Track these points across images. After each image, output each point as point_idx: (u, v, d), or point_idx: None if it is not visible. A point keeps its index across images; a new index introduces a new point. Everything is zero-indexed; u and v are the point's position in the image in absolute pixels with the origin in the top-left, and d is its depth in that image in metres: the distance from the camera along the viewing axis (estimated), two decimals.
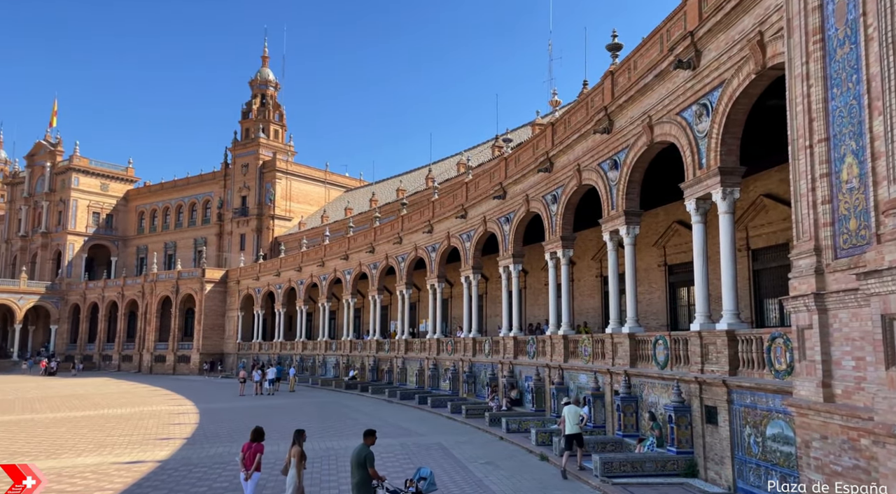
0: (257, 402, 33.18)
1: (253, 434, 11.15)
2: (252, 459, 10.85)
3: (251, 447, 10.98)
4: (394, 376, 37.20)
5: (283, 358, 50.35)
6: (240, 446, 19.05)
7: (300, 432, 10.58)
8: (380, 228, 40.50)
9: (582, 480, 13.76)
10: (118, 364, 65.80)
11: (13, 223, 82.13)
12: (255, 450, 10.92)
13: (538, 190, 22.74)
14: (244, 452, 10.99)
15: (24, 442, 20.62)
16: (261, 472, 11.30)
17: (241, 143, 70.51)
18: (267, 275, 54.80)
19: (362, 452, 9.37)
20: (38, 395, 38.62)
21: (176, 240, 75.68)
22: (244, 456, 10.94)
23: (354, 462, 9.37)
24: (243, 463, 10.89)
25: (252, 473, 10.82)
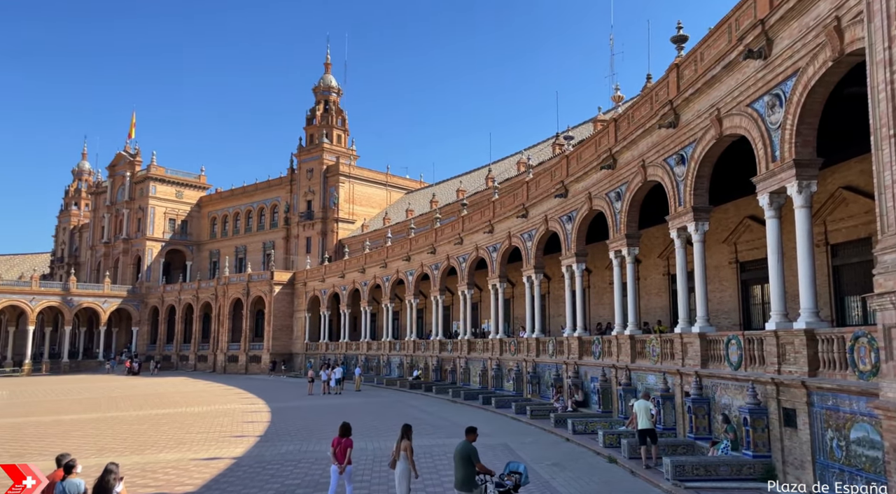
0: (325, 401, 33.99)
1: (341, 429, 11.73)
2: (343, 453, 11.45)
3: (341, 442, 11.56)
4: (457, 376, 37.34)
5: (348, 357, 51.40)
6: (310, 444, 19.70)
7: (408, 427, 10.97)
8: (440, 229, 40.75)
9: (653, 483, 13.46)
10: (194, 364, 68.74)
11: (97, 230, 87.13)
12: (346, 445, 11.51)
13: (601, 187, 22.36)
14: (334, 446, 11.55)
15: (110, 439, 21.86)
16: (352, 464, 11.89)
17: (306, 149, 72.43)
18: (332, 277, 56.06)
19: (466, 448, 9.59)
20: (121, 394, 40.83)
21: (246, 243, 78.45)
22: (335, 451, 11.51)
23: (459, 457, 9.59)
24: (335, 457, 11.48)
25: (345, 466, 11.42)
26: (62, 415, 29.90)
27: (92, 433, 23.38)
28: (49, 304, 68.71)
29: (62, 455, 8.88)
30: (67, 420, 28.08)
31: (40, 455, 18.96)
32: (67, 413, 30.58)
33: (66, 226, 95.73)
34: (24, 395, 41.72)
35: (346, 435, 11.63)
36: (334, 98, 74.50)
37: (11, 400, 39.09)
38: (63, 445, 20.81)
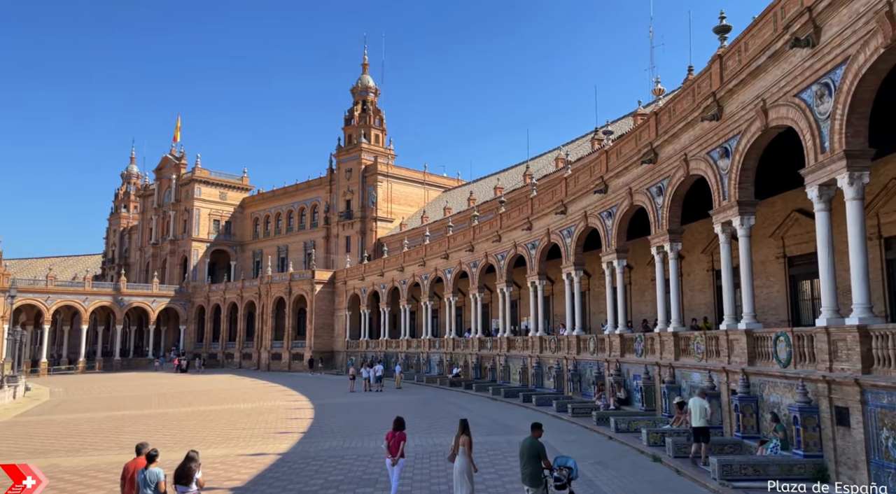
0: (366, 398, 34.37)
1: (395, 423, 12.09)
2: (397, 446, 11.82)
3: (395, 435, 11.93)
4: (497, 373, 37.30)
5: (388, 355, 51.85)
6: (353, 440, 19.96)
7: (466, 422, 11.15)
8: (478, 227, 40.73)
9: (699, 482, 13.23)
10: (239, 361, 70.32)
11: (145, 232, 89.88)
12: (399, 438, 11.87)
13: (642, 182, 22.02)
14: (388, 440, 11.95)
15: (161, 435, 22.54)
16: (405, 458, 12.26)
17: (345, 149, 73.26)
18: (371, 276, 56.61)
19: (535, 444, 9.81)
20: (170, 391, 42.06)
21: (287, 243, 79.83)
22: (389, 444, 11.91)
23: (527, 453, 9.75)
24: (389, 450, 11.87)
25: (398, 459, 11.81)
26: (115, 412, 30.99)
27: (143, 429, 24.17)
28: (101, 304, 71.21)
29: (141, 444, 9.55)
30: (120, 416, 29.10)
31: (95, 449, 19.73)
32: (120, 410, 31.69)
33: (116, 228, 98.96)
34: (79, 392, 43.37)
35: (400, 429, 11.99)
36: (372, 98, 75.13)
37: (67, 396, 40.69)
38: (117, 440, 21.60)
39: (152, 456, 9.11)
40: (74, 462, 17.46)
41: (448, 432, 21.07)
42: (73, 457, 18.19)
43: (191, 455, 9.29)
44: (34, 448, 20.46)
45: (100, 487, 14.24)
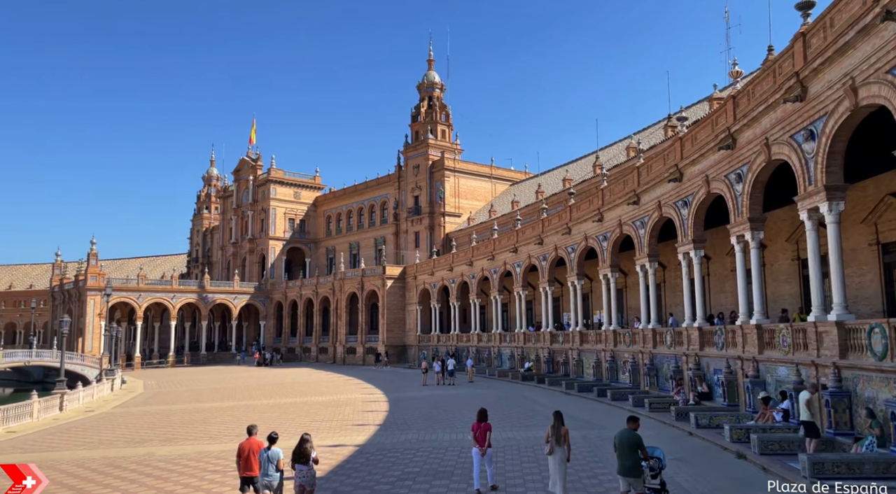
0: (439, 392, 34.71)
1: (479, 415, 12.49)
2: (483, 436, 12.13)
3: (480, 426, 12.27)
4: (569, 368, 36.86)
5: (459, 349, 52.15)
6: (427, 433, 20.22)
7: (561, 414, 11.40)
8: (547, 219, 40.30)
9: (788, 480, 12.65)
10: (316, 355, 72.50)
11: (226, 232, 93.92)
12: (485, 429, 12.21)
13: (719, 169, 21.18)
14: (474, 431, 12.31)
15: (245, 426, 23.53)
16: (492, 447, 12.60)
17: (412, 146, 74.02)
18: (441, 270, 57.04)
19: (633, 436, 9.95)
20: (253, 384, 43.85)
21: (359, 240, 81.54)
22: (475, 435, 12.26)
23: (626, 445, 9.91)
24: (476, 440, 12.22)
25: (486, 449, 12.13)
26: (202, 403, 32.63)
27: (229, 420, 25.35)
28: (187, 301, 75.05)
29: (252, 425, 11.05)
30: (207, 407, 30.61)
31: (185, 439, 20.85)
32: (207, 402, 33.33)
33: (199, 229, 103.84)
34: (170, 385, 45.89)
35: (484, 420, 12.32)
36: (437, 94, 75.51)
37: (159, 389, 43.14)
38: (205, 430, 22.76)
39: (273, 438, 10.44)
40: (167, 450, 18.52)
41: (525, 426, 21.04)
42: (166, 446, 19.30)
43: (305, 437, 10.43)
44: (131, 437, 21.84)
45: (191, 475, 15.02)
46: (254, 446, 10.58)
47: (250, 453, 10.50)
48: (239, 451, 10.67)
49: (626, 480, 9.92)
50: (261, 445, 10.53)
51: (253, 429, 10.88)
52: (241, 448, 10.62)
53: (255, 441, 10.63)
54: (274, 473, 10.16)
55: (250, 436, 10.75)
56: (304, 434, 10.59)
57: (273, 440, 10.41)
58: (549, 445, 10.99)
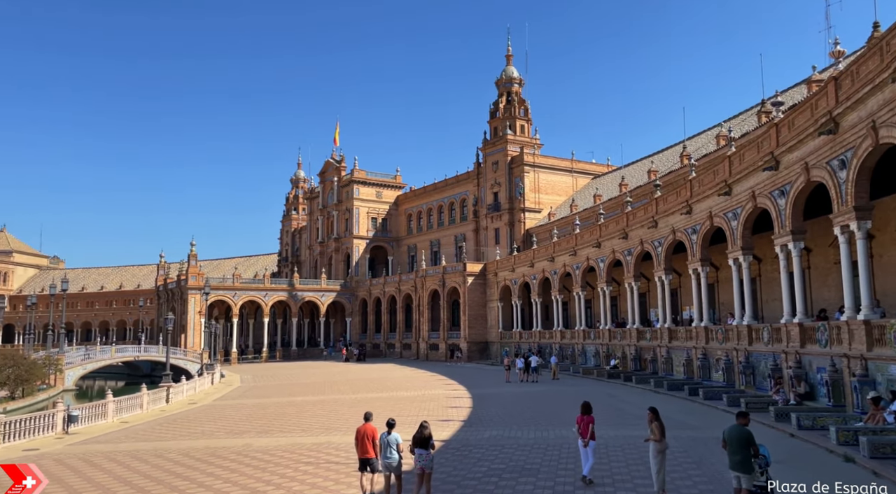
0: (522, 389, 34.55)
1: (583, 408, 12.79)
2: (587, 429, 12.45)
3: (583, 419, 12.58)
4: (658, 366, 35.72)
5: (542, 346, 51.65)
6: (512, 430, 20.18)
7: (656, 409, 11.64)
8: (632, 213, 39.17)
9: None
10: (399, 351, 73.87)
11: (313, 231, 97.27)
12: (588, 421, 12.53)
13: (820, 155, 19.88)
14: (578, 424, 12.68)
15: (335, 419, 24.36)
16: (595, 440, 12.78)
17: (491, 142, 73.88)
18: (521, 267, 56.66)
19: (744, 432, 10.01)
20: (340, 379, 45.23)
21: (439, 237, 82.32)
22: (579, 427, 12.62)
23: (737, 441, 9.97)
24: (580, 433, 12.58)
25: (589, 441, 12.43)
26: (295, 397, 33.99)
27: (319, 413, 26.28)
28: (278, 299, 78.38)
29: (368, 412, 12.26)
30: (299, 401, 31.86)
31: (280, 432, 21.78)
32: (298, 396, 34.70)
33: (288, 229, 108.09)
34: (264, 379, 48.07)
35: (588, 413, 12.61)
36: (516, 89, 74.94)
37: (255, 383, 45.29)
38: (298, 423, 23.68)
39: (391, 424, 11.57)
40: (264, 442, 19.42)
41: (613, 424, 20.55)
42: (262, 438, 20.24)
43: (424, 424, 11.37)
44: (230, 428, 23.05)
45: (286, 466, 15.68)
46: (369, 431, 11.72)
47: (365, 436, 11.68)
48: (357, 435, 11.82)
49: (737, 475, 9.98)
50: (376, 430, 11.69)
51: (369, 416, 12.05)
52: (359, 432, 11.79)
53: (370, 427, 11.78)
54: (393, 455, 11.24)
55: (367, 422, 11.89)
56: (423, 422, 11.52)
57: (392, 425, 11.51)
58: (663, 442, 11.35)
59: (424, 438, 11.12)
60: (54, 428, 21.81)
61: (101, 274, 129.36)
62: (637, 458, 14.99)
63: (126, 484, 14.06)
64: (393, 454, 11.26)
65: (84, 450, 18.74)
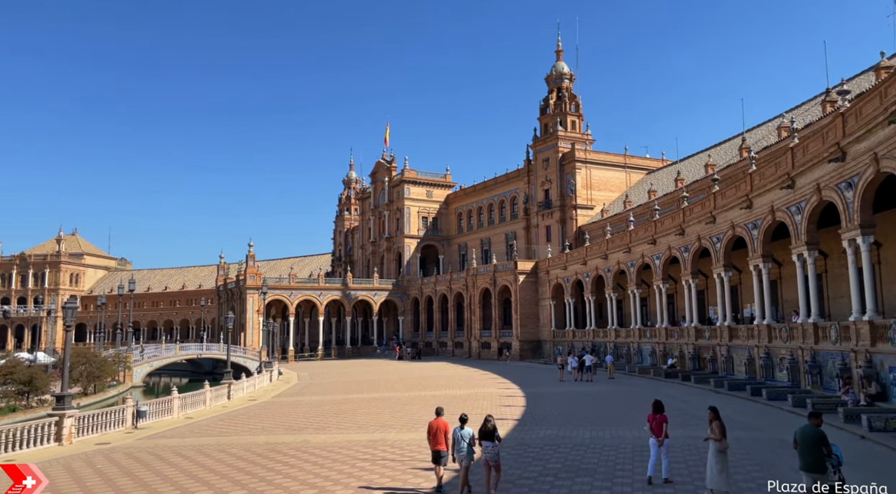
0: (576, 388, 34.16)
1: (655, 406, 12.74)
2: (659, 428, 12.45)
3: (656, 417, 12.57)
4: (717, 365, 34.70)
5: (596, 345, 50.91)
6: (567, 430, 20.00)
7: (717, 409, 11.46)
8: (688, 208, 38.17)
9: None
10: (452, 350, 74.14)
11: (365, 232, 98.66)
12: (660, 420, 12.50)
13: (890, 145, 18.93)
14: (650, 422, 12.67)
15: (389, 417, 24.65)
16: (669, 438, 12.64)
17: (541, 139, 73.22)
18: (574, 264, 55.98)
19: (817, 432, 9.90)
20: (394, 377, 45.73)
21: (490, 236, 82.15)
22: (651, 426, 12.63)
23: (810, 441, 9.88)
24: (652, 431, 12.60)
25: (662, 439, 12.41)
26: (350, 394, 34.58)
27: (374, 411, 26.65)
28: (333, 298, 79.89)
29: (440, 408, 13.15)
30: (354, 398, 32.39)
31: (337, 428, 22.21)
32: (354, 393, 35.27)
33: (340, 229, 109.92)
34: (320, 377, 49.07)
35: (660, 412, 12.58)
36: (567, 84, 74.03)
37: (311, 380, 46.29)
38: (354, 420, 24.09)
39: (464, 419, 12.26)
40: (321, 438, 19.85)
41: (674, 425, 19.93)
42: (320, 435, 20.69)
43: (488, 418, 12.08)
44: (289, 425, 23.65)
45: (343, 462, 15.98)
46: (441, 425, 12.47)
47: (438, 431, 12.42)
48: (429, 429, 12.62)
49: (810, 476, 9.84)
50: (448, 425, 12.51)
51: (441, 411, 12.92)
52: (431, 427, 12.59)
53: (442, 422, 12.55)
54: (466, 448, 11.91)
55: (438, 417, 12.69)
56: (487, 416, 12.21)
57: (464, 421, 12.22)
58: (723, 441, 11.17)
59: (489, 431, 11.79)
60: (124, 423, 22.85)
61: (165, 274, 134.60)
62: (697, 459, 14.62)
63: (192, 478, 14.62)
64: (464, 447, 11.92)
65: (152, 445, 19.57)
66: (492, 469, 11.90)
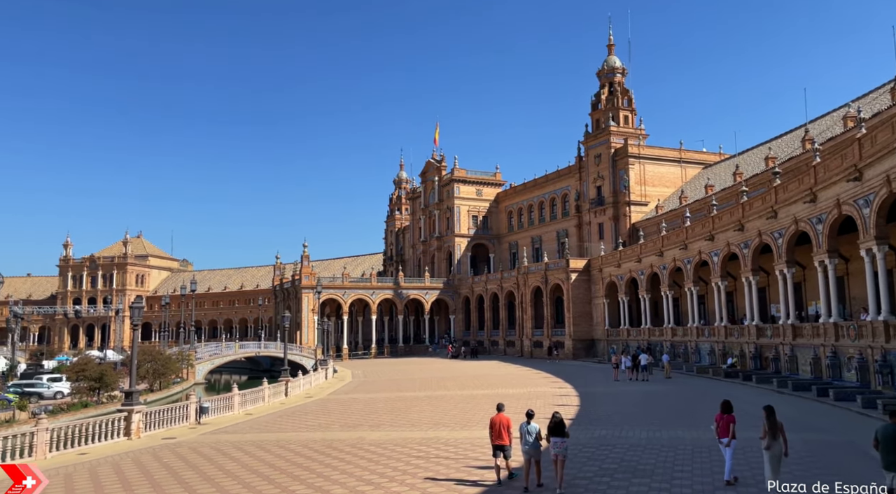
0: (631, 388, 33.54)
1: (723, 406, 12.57)
2: (726, 428, 12.28)
3: (723, 417, 12.41)
4: (780, 364, 33.47)
5: (652, 344, 49.86)
6: (623, 430, 19.69)
7: (773, 408, 11.43)
8: (748, 203, 36.93)
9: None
10: (503, 349, 73.90)
11: (416, 231, 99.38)
12: (728, 421, 12.34)
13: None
14: (717, 422, 12.51)
15: (442, 415, 24.77)
16: (736, 439, 12.43)
17: (593, 135, 72.12)
18: (628, 262, 54.95)
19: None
20: (446, 375, 45.91)
21: (540, 234, 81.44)
22: (718, 426, 12.47)
23: (892, 440, 9.74)
24: (718, 432, 12.46)
25: (730, 440, 12.28)
26: (403, 392, 34.91)
27: (427, 409, 26.83)
28: (385, 297, 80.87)
29: (501, 404, 13.51)
30: (408, 396, 32.69)
31: (391, 426, 22.47)
32: (407, 391, 35.60)
33: (392, 229, 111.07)
34: (373, 375, 49.72)
35: (728, 412, 12.39)
36: (619, 79, 72.68)
37: (365, 378, 46.96)
38: (408, 418, 24.32)
39: (531, 415, 12.70)
40: (376, 435, 20.12)
41: (741, 427, 19.50)
42: (374, 432, 20.98)
43: (556, 414, 12.53)
44: (344, 422, 24.07)
45: (398, 459, 16.16)
46: (503, 420, 12.83)
47: (500, 426, 12.76)
48: (491, 424, 12.99)
49: (892, 474, 9.73)
50: (509, 420, 12.96)
51: (502, 407, 13.32)
52: (493, 422, 12.95)
53: (504, 417, 12.93)
54: (534, 442, 12.30)
55: (500, 412, 13.08)
56: (555, 412, 12.67)
57: (531, 416, 12.64)
58: (765, 440, 11.09)
59: (559, 426, 12.19)
60: (188, 419, 23.73)
61: (224, 275, 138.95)
62: (757, 461, 14.16)
63: (253, 473, 15.07)
64: (532, 442, 12.27)
65: (215, 440, 20.26)
66: (559, 465, 12.14)
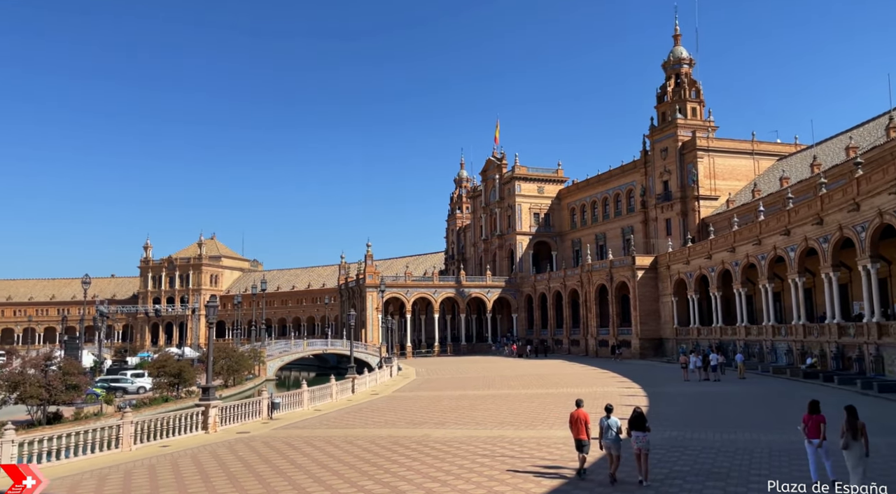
0: (702, 388, 32.50)
1: (811, 406, 12.48)
2: (816, 428, 12.16)
3: (812, 418, 12.30)
4: (865, 365, 31.67)
5: (724, 343, 48.13)
6: (695, 431, 19.15)
7: (854, 408, 11.34)
8: (827, 195, 35.09)
9: None
10: (567, 348, 72.94)
11: (477, 229, 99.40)
12: (817, 421, 12.22)
13: None
14: (805, 423, 12.39)
15: (507, 414, 24.70)
16: (827, 440, 12.18)
17: (658, 128, 70.19)
18: (697, 259, 53.21)
19: None
20: (510, 374, 45.74)
21: (605, 231, 79.87)
22: (807, 426, 12.34)
23: None
24: (807, 432, 12.31)
25: (821, 442, 12.16)
26: (467, 391, 35.01)
27: (492, 408, 26.82)
28: (447, 295, 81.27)
29: (579, 400, 14.05)
30: (472, 395, 32.76)
31: (455, 424, 22.57)
32: (471, 389, 35.67)
33: (453, 228, 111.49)
34: (437, 373, 50.08)
35: (816, 412, 12.26)
36: (686, 70, 70.42)
37: (429, 376, 47.35)
38: (472, 416, 24.39)
39: (610, 409, 13.16)
40: (441, 433, 20.27)
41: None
42: (439, 429, 21.14)
43: (637, 409, 12.97)
44: (410, 419, 24.35)
45: (463, 457, 16.23)
46: (582, 415, 13.42)
47: (579, 420, 13.37)
48: (571, 419, 13.64)
49: None
50: (588, 415, 13.49)
51: (581, 403, 13.89)
52: (572, 417, 13.60)
53: (583, 412, 13.53)
54: (614, 436, 12.74)
55: (579, 408, 13.66)
56: (636, 408, 13.09)
57: (610, 410, 13.09)
58: (843, 439, 10.95)
59: (640, 420, 12.52)
60: (261, 414, 24.57)
61: (292, 274, 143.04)
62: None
63: (323, 468, 15.47)
64: (612, 435, 12.72)
65: (286, 435, 20.90)
66: (642, 459, 12.53)
